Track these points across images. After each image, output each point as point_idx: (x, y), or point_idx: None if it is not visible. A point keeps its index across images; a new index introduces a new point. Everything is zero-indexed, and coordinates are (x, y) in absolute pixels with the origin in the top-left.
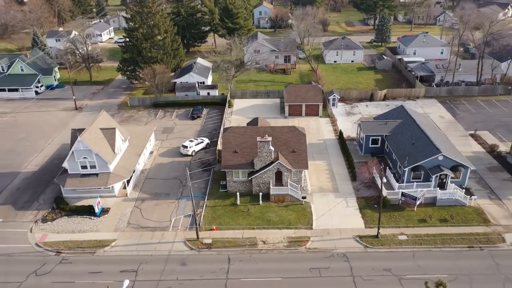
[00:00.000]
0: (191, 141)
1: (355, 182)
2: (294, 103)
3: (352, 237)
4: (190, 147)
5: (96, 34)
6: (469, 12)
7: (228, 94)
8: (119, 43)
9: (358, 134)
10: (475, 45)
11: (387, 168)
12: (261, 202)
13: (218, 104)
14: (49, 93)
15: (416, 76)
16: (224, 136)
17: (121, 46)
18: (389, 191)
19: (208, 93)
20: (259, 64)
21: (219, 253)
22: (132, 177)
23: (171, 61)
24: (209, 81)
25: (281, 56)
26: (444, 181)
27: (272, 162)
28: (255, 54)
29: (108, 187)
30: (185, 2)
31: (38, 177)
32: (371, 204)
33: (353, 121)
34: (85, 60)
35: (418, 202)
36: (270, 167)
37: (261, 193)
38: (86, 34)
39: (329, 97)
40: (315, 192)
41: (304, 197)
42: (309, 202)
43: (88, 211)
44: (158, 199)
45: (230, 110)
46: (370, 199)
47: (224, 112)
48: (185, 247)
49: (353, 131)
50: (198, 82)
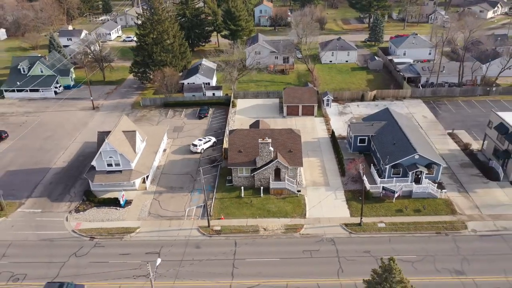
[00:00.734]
0: (199, 140)
1: (344, 177)
2: (292, 104)
3: (339, 225)
4: (199, 146)
5: (106, 33)
6: (453, 20)
7: (232, 95)
8: (128, 41)
9: (348, 133)
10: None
11: (372, 165)
12: (262, 194)
13: (222, 104)
14: (67, 93)
15: (404, 77)
16: (230, 137)
17: (133, 49)
18: (372, 185)
19: (213, 94)
20: (259, 64)
21: (227, 238)
22: (150, 173)
23: (179, 63)
24: (214, 82)
25: (280, 57)
26: (420, 176)
27: (271, 161)
28: (256, 55)
29: (131, 182)
30: (190, 4)
31: (67, 173)
32: (357, 196)
33: (345, 120)
34: (97, 60)
35: (396, 195)
36: (270, 164)
37: (262, 187)
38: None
39: (323, 98)
40: (309, 186)
41: (299, 191)
42: (303, 194)
43: (114, 202)
44: (173, 192)
45: (233, 110)
46: (356, 192)
47: (228, 112)
48: (198, 233)
49: (345, 130)
50: (204, 83)
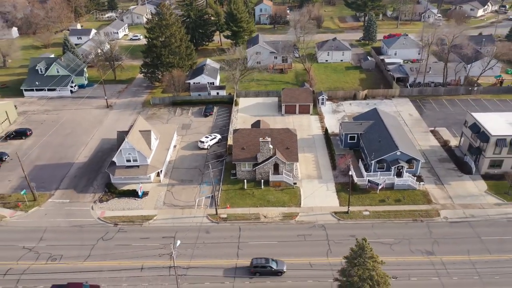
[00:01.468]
0: (206, 137)
1: (335, 171)
2: (289, 103)
3: (329, 213)
4: (206, 142)
5: (113, 32)
6: (436, 27)
7: (234, 94)
8: (135, 39)
9: (340, 131)
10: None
11: (360, 160)
12: (262, 186)
13: (226, 103)
14: (81, 92)
15: (393, 77)
16: (234, 136)
17: (142, 52)
18: (359, 178)
19: (218, 93)
20: (260, 64)
21: (232, 224)
22: (163, 167)
23: (186, 64)
24: (217, 81)
25: (279, 57)
26: (401, 170)
27: (271, 157)
28: (256, 55)
29: (147, 176)
30: (194, 6)
31: (88, 167)
32: (345, 188)
33: (338, 118)
34: (108, 59)
35: (380, 187)
36: (270, 160)
37: (262, 180)
38: (105, 33)
39: (318, 97)
40: (304, 179)
41: (295, 183)
42: (298, 186)
43: (133, 194)
44: (184, 184)
45: (236, 108)
46: (345, 184)
47: (232, 110)
48: (207, 220)
49: (338, 128)
50: (208, 83)
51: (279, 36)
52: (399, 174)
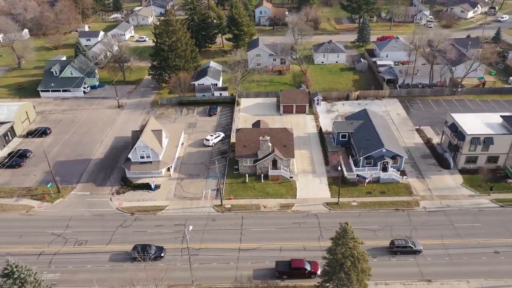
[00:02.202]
0: (211, 135)
1: (327, 166)
2: (287, 103)
3: (322, 203)
4: (211, 140)
5: (120, 34)
6: (424, 33)
7: (236, 95)
8: (141, 41)
9: (333, 130)
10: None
11: (350, 156)
12: (262, 180)
13: (228, 103)
14: (93, 92)
15: (384, 78)
16: (237, 135)
17: (150, 55)
18: (349, 172)
19: (221, 94)
20: (259, 66)
21: (236, 214)
22: (173, 163)
23: (191, 66)
24: (220, 82)
25: (278, 59)
26: (386, 166)
27: (270, 153)
28: (256, 58)
29: (159, 171)
30: (198, 10)
31: (105, 163)
32: (336, 181)
33: (332, 117)
34: (117, 62)
35: (367, 181)
36: (269, 156)
37: (262, 174)
38: (112, 35)
39: (314, 98)
40: (299, 173)
41: (291, 177)
42: (295, 180)
43: (146, 187)
44: (192, 178)
45: (238, 108)
46: (336, 178)
47: (234, 110)
48: (213, 210)
49: (331, 126)
50: (212, 84)
51: (278, 38)
52: (384, 169)
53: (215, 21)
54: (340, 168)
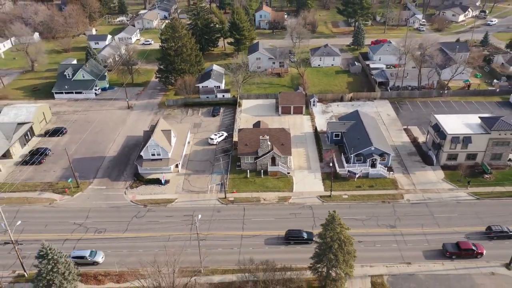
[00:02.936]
0: (215, 134)
1: (322, 163)
2: (285, 105)
3: (316, 196)
4: (215, 139)
5: (127, 37)
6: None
7: (238, 97)
8: (146, 44)
9: (327, 130)
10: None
11: (342, 153)
12: (262, 175)
13: (230, 104)
14: (104, 94)
15: (376, 81)
16: (239, 134)
17: (157, 59)
18: (340, 168)
19: (223, 96)
20: (259, 68)
21: (238, 206)
22: (181, 160)
23: (195, 69)
24: (223, 85)
25: (277, 63)
26: (375, 162)
27: (269, 151)
28: (256, 61)
29: (168, 167)
30: (201, 16)
31: (118, 160)
32: (329, 176)
33: (327, 118)
34: (126, 64)
35: (357, 176)
36: (268, 154)
37: (262, 170)
38: (119, 38)
39: (310, 100)
40: (296, 169)
41: (288, 173)
42: (291, 175)
43: (157, 182)
44: (198, 174)
45: (240, 109)
46: (329, 173)
47: (236, 111)
48: (218, 202)
49: (326, 126)
50: (215, 86)
51: (277, 41)
52: (373, 165)
53: (217, 25)
54: (332, 164)
